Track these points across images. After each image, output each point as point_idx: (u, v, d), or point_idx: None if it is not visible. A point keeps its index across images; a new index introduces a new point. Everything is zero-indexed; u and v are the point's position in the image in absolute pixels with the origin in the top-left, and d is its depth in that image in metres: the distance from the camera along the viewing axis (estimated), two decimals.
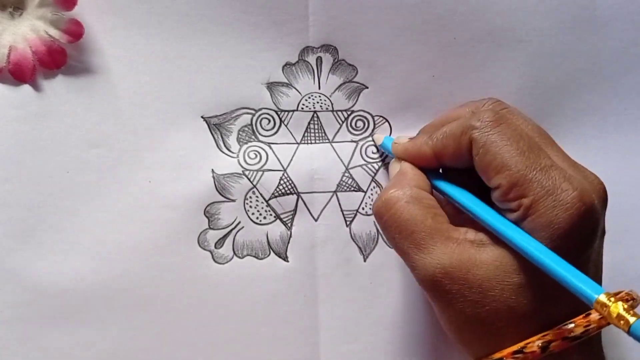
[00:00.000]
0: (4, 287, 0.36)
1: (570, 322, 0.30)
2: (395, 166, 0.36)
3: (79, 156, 0.37)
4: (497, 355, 0.30)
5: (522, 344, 0.30)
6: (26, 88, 0.36)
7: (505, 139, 0.31)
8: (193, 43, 0.37)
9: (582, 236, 0.30)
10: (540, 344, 0.29)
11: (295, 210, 0.38)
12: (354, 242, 0.38)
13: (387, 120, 0.39)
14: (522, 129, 0.32)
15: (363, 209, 0.38)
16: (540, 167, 0.30)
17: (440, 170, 0.35)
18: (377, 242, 0.38)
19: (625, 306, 0.26)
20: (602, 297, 0.27)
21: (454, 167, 0.34)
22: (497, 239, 0.31)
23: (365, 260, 0.38)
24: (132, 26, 0.37)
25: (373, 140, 0.39)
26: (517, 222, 0.30)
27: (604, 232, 0.32)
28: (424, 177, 0.34)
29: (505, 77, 0.39)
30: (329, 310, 0.38)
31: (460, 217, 0.33)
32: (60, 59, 0.36)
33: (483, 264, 0.30)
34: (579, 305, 0.29)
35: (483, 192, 0.32)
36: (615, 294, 0.27)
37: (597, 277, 0.32)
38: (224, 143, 0.38)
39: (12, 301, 0.36)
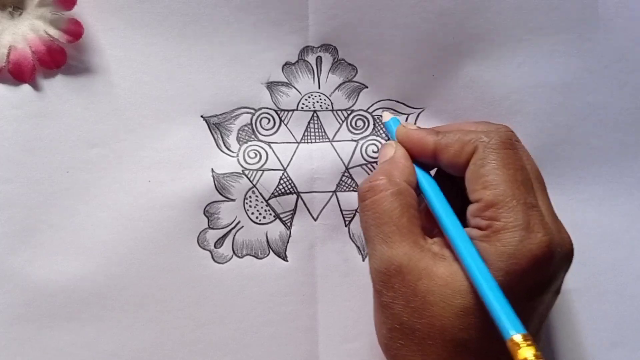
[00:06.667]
0: (4, 287, 0.36)
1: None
2: (388, 149, 0.35)
3: (79, 156, 0.37)
4: None
5: None
6: (26, 88, 0.36)
7: (505, 163, 0.31)
8: (193, 43, 0.37)
9: (535, 282, 0.30)
10: None
11: (294, 209, 0.38)
12: (353, 242, 0.38)
13: None
14: (524, 164, 0.32)
15: None
16: (525, 202, 0.30)
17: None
18: None
19: (536, 353, 0.26)
20: (518, 337, 0.26)
21: (445, 168, 0.34)
22: (457, 258, 0.30)
23: (364, 260, 0.38)
24: (132, 26, 0.37)
25: (381, 116, 0.38)
26: (480, 241, 0.30)
27: (558, 292, 0.32)
28: (413, 171, 0.34)
29: (505, 77, 0.39)
30: (328, 310, 0.38)
31: (434, 223, 0.33)
32: (60, 58, 0.36)
33: (435, 276, 0.30)
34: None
35: (461, 206, 0.32)
36: (534, 340, 0.27)
37: (536, 330, 0.31)
38: (223, 142, 0.38)
39: (12, 301, 0.36)
